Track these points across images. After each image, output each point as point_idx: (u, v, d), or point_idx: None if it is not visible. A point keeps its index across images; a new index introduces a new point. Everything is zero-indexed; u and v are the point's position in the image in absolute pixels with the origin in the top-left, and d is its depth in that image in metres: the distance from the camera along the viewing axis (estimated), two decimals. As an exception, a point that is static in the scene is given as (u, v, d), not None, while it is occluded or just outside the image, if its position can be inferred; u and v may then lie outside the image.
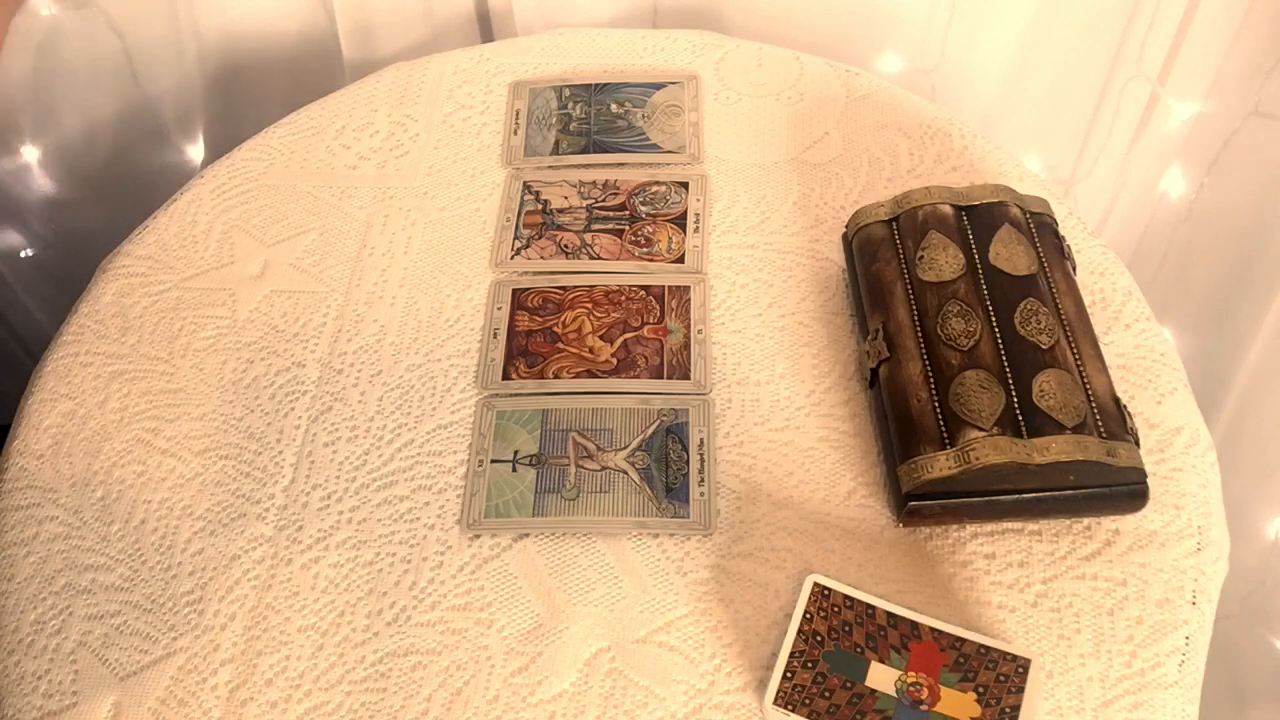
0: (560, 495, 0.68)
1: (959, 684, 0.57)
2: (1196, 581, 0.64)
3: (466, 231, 0.82)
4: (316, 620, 0.64)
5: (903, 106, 0.88)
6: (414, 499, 0.69)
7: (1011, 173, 0.83)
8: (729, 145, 0.87)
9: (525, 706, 0.61)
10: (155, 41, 1.06)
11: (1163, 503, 0.66)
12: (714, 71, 0.92)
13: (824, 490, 0.68)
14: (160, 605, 0.65)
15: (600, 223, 0.82)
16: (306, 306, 0.79)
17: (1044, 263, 0.70)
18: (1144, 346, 0.73)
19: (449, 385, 0.74)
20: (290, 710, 0.61)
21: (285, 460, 0.71)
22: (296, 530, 0.68)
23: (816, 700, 0.57)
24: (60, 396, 0.74)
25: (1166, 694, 0.60)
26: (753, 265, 0.79)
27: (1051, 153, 1.14)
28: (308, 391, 0.74)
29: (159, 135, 1.13)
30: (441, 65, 0.94)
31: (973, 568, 0.65)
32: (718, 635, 0.63)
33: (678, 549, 0.66)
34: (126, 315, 0.79)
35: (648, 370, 0.74)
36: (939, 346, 0.66)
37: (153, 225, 0.84)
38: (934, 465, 0.62)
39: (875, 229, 0.73)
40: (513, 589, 0.65)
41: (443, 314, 0.78)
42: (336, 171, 0.87)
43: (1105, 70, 1.05)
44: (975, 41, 1.06)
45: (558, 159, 0.87)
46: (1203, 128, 1.03)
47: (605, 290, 0.78)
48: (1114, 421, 0.63)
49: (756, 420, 0.71)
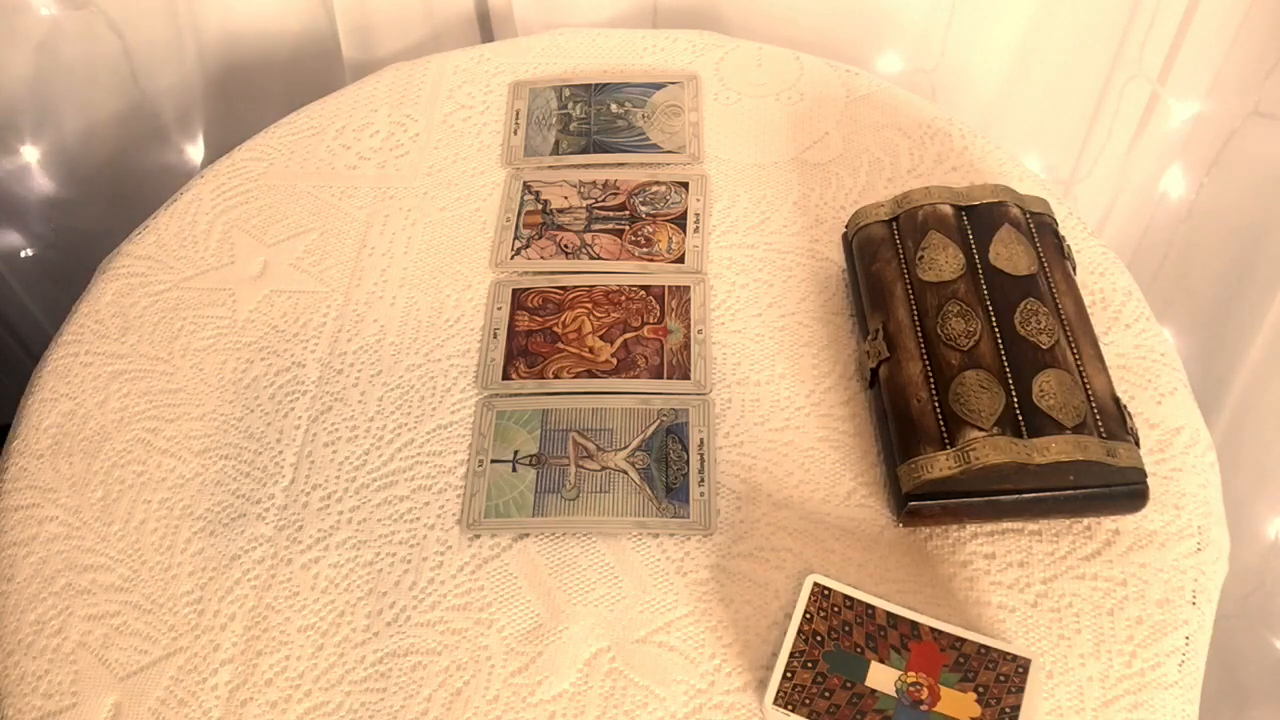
0: (560, 495, 0.68)
1: (959, 684, 0.57)
2: (1196, 581, 0.64)
3: (466, 231, 0.82)
4: (316, 620, 0.64)
5: (903, 106, 0.88)
6: (414, 499, 0.69)
7: (1011, 173, 0.83)
8: (729, 145, 0.87)
9: (525, 706, 0.61)
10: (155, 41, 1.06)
11: (1163, 503, 0.66)
12: (714, 71, 0.92)
13: (824, 490, 0.68)
14: (160, 605, 0.65)
15: (600, 223, 0.82)
16: (306, 306, 0.79)
17: (1044, 263, 0.70)
18: (1144, 346, 0.73)
19: (449, 385, 0.74)
20: (290, 710, 0.61)
21: (285, 460, 0.71)
22: (296, 530, 0.68)
23: (816, 700, 0.57)
24: (60, 396, 0.74)
25: (1166, 694, 0.60)
26: (753, 265, 0.79)
27: (1051, 153, 1.14)
28: (308, 391, 0.74)
29: (159, 135, 1.13)
30: (441, 65, 0.94)
31: (973, 568, 0.65)
32: (718, 635, 0.63)
33: (678, 549, 0.66)
34: (126, 315, 0.79)
35: (648, 370, 0.74)
36: (939, 346, 0.66)
37: (153, 225, 0.84)
38: (934, 465, 0.62)
39: (875, 229, 0.73)
40: (513, 589, 0.65)
41: (443, 314, 0.78)
42: (336, 171, 0.87)
43: (1105, 70, 1.05)
44: (975, 41, 1.06)
45: (558, 159, 0.87)
46: (1203, 128, 1.03)
47: (605, 290, 0.78)
48: (1114, 421, 0.63)
49: (756, 420, 0.71)
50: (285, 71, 1.12)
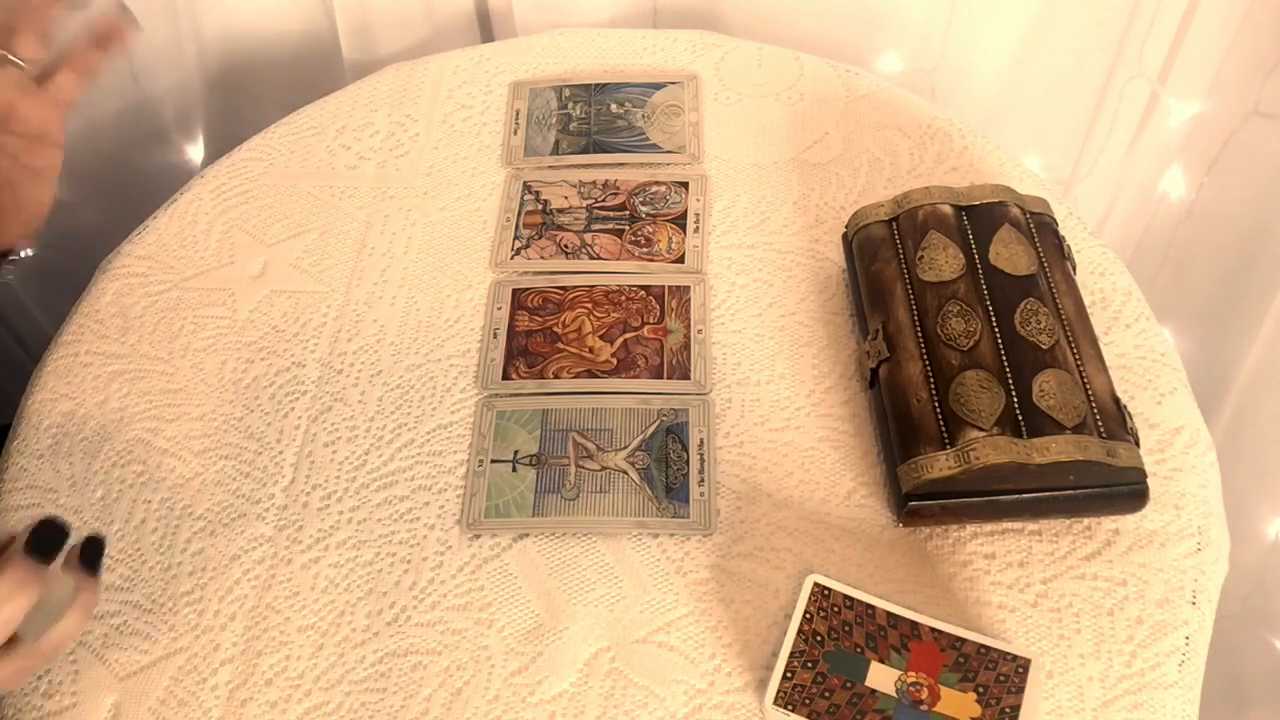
0: (560, 495, 0.68)
1: (959, 684, 0.57)
2: (1196, 581, 0.64)
3: (466, 231, 0.82)
4: (316, 620, 0.64)
5: (903, 106, 0.88)
6: (414, 499, 0.69)
7: (1011, 173, 0.83)
8: (729, 145, 0.87)
9: (525, 706, 0.61)
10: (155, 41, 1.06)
11: (1163, 503, 0.66)
12: (714, 71, 0.92)
13: (824, 490, 0.68)
14: (160, 605, 0.65)
15: (600, 223, 0.82)
16: (306, 306, 0.79)
17: (1044, 263, 0.70)
18: (1144, 346, 0.73)
19: (449, 385, 0.74)
20: (290, 710, 0.61)
21: (285, 460, 0.71)
22: (296, 530, 0.68)
23: (816, 700, 0.57)
24: (60, 396, 0.74)
25: (1166, 694, 0.60)
26: (753, 265, 0.79)
27: (1051, 153, 1.14)
28: (308, 391, 0.74)
29: (159, 135, 1.13)
30: (441, 65, 0.94)
31: (973, 568, 0.65)
32: (718, 635, 0.63)
33: (678, 549, 0.66)
34: (126, 315, 0.79)
35: (648, 370, 0.74)
36: (939, 346, 0.66)
37: (153, 225, 0.84)
38: (934, 465, 0.62)
39: (875, 229, 0.73)
40: (513, 589, 0.65)
41: (443, 314, 0.78)
42: (336, 171, 0.87)
43: (1105, 70, 1.05)
44: (975, 41, 1.06)
45: (558, 159, 0.87)
46: (1203, 128, 1.03)
47: (605, 290, 0.78)
48: (1114, 421, 0.63)
49: (756, 420, 0.71)
50: (285, 71, 1.12)
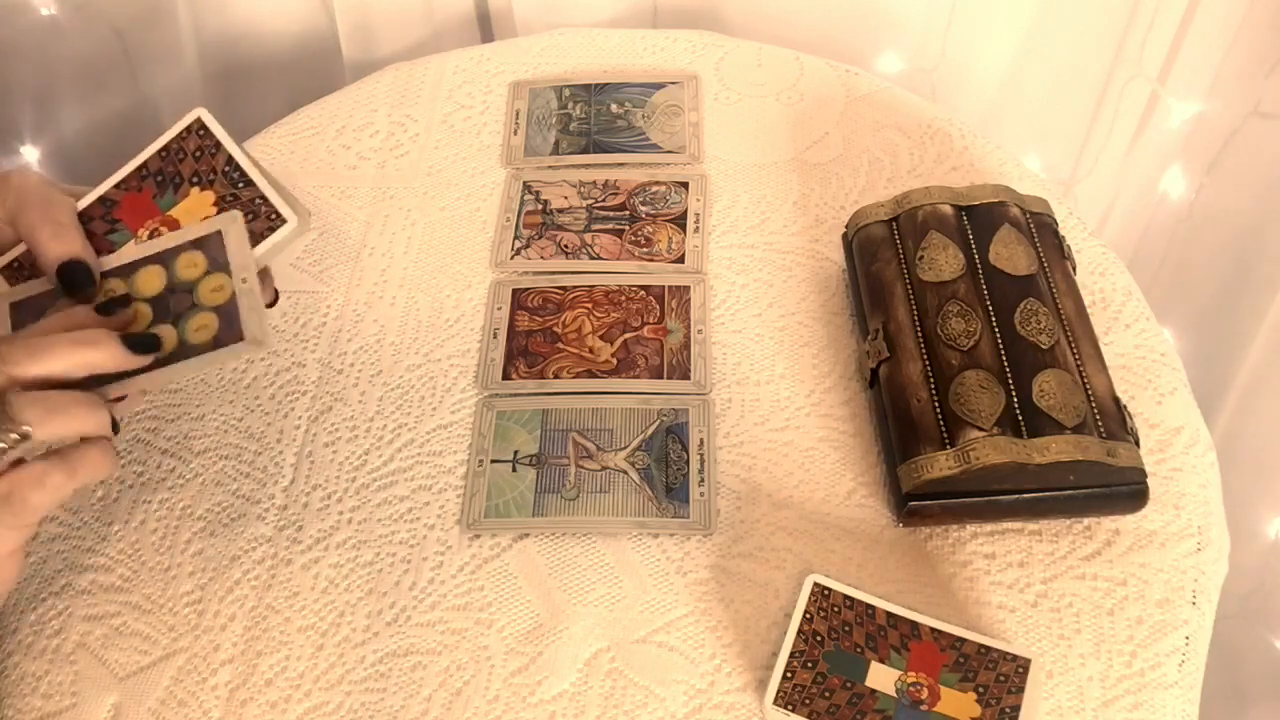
0: (560, 495, 0.68)
1: (959, 684, 0.57)
2: (1196, 581, 0.64)
3: (466, 231, 0.82)
4: (316, 620, 0.64)
5: (903, 106, 0.88)
6: (414, 499, 0.69)
7: (1011, 173, 0.83)
8: (729, 145, 0.87)
9: (525, 706, 0.61)
10: (155, 41, 1.06)
11: (1163, 503, 0.66)
12: (714, 71, 0.92)
13: (824, 490, 0.68)
14: (160, 606, 0.65)
15: (600, 223, 0.82)
16: (306, 306, 0.79)
17: (1044, 263, 0.70)
18: (1144, 346, 0.73)
19: (449, 385, 0.74)
20: (290, 710, 0.61)
21: (285, 460, 0.71)
22: (296, 530, 0.68)
23: (816, 700, 0.57)
24: (60, 396, 0.74)
25: (1166, 694, 0.60)
26: (753, 265, 0.79)
27: (1051, 153, 1.14)
28: (308, 391, 0.74)
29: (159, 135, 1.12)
30: (441, 65, 0.94)
31: (973, 568, 0.65)
32: (718, 635, 0.63)
33: (678, 549, 0.66)
34: (126, 315, 0.78)
35: (648, 370, 0.74)
36: (939, 346, 0.66)
37: (153, 225, 0.84)
38: (934, 465, 0.62)
39: (875, 229, 0.73)
40: (513, 589, 0.65)
41: (443, 314, 0.78)
42: (336, 171, 0.87)
43: (1105, 70, 1.05)
44: (975, 41, 1.06)
45: (558, 159, 0.87)
46: (1203, 128, 1.03)
47: (605, 290, 0.78)
48: (1114, 421, 0.63)
49: (756, 420, 0.71)
50: (285, 71, 1.12)
